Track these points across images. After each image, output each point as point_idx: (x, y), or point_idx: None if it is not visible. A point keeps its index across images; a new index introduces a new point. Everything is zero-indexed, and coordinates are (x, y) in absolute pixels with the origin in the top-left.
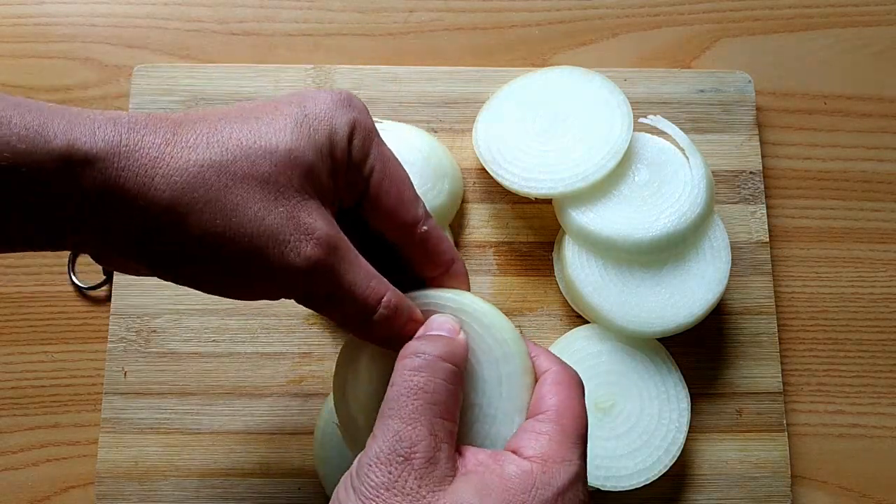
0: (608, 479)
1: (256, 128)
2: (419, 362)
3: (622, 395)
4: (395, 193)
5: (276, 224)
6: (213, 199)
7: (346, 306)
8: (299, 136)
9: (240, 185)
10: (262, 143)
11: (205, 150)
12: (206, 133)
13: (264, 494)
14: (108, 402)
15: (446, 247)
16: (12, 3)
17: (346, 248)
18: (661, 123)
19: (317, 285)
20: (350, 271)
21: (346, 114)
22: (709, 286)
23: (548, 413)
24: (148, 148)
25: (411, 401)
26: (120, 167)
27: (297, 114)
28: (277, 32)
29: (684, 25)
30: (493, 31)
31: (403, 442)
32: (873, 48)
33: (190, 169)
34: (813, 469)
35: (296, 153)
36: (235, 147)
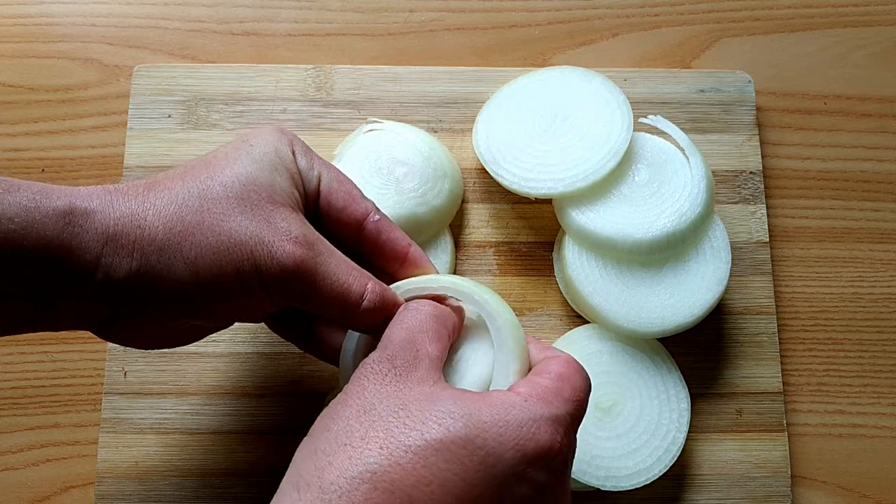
0: (608, 479)
1: (216, 162)
2: (411, 311)
3: (622, 395)
4: (345, 192)
5: (258, 229)
6: (201, 222)
7: (333, 299)
8: (253, 162)
9: (219, 205)
10: (227, 172)
11: (181, 187)
12: (179, 179)
13: (264, 494)
14: (108, 402)
15: (399, 234)
16: (12, 3)
17: (322, 244)
18: (661, 123)
19: (304, 282)
20: (331, 265)
21: (284, 137)
22: (709, 286)
23: (549, 375)
24: (134, 197)
25: (400, 330)
26: (116, 214)
27: (243, 146)
28: (277, 32)
29: (684, 25)
30: (493, 31)
31: (386, 350)
32: (873, 48)
33: (174, 201)
34: (813, 469)
35: (256, 174)
36: (206, 179)
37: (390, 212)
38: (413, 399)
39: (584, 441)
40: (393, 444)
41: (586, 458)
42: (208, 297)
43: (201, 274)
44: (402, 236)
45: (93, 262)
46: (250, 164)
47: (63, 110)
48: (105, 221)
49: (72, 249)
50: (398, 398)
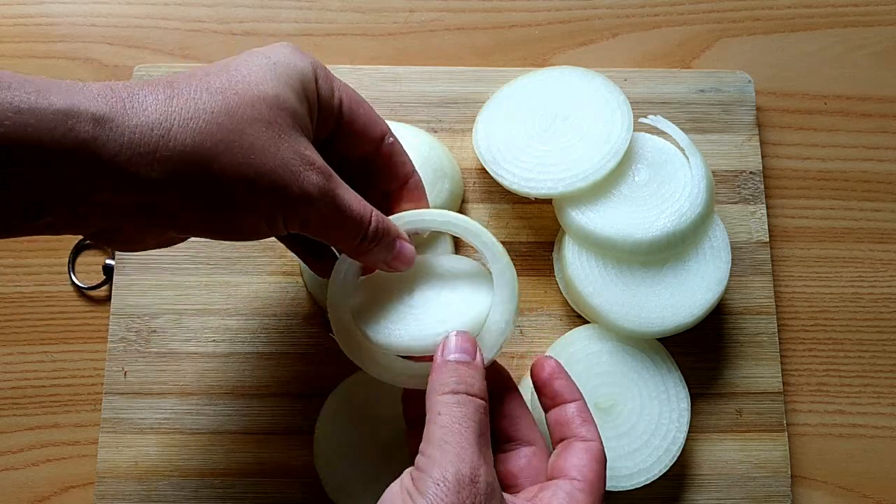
0: (608, 478)
1: (241, 77)
2: (461, 398)
3: (622, 395)
4: (364, 113)
5: (288, 157)
6: (234, 142)
7: (347, 226)
8: (279, 83)
9: (251, 127)
10: (254, 91)
11: (209, 99)
12: (204, 87)
13: (264, 494)
14: (108, 402)
15: (407, 159)
16: (12, 3)
17: (336, 175)
18: (661, 123)
19: (325, 209)
20: (346, 194)
21: (305, 59)
22: (709, 286)
23: (583, 483)
24: (154, 104)
25: (464, 430)
26: (132, 125)
27: (266, 63)
28: (277, 32)
29: (684, 25)
30: (493, 31)
31: (466, 464)
32: (873, 48)
33: (203, 116)
34: (813, 469)
35: (282, 97)
36: (233, 95)
37: None
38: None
39: None
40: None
41: None
42: (228, 218)
43: (228, 195)
44: (409, 161)
45: (105, 170)
46: (276, 85)
47: None
48: (120, 130)
49: (90, 151)
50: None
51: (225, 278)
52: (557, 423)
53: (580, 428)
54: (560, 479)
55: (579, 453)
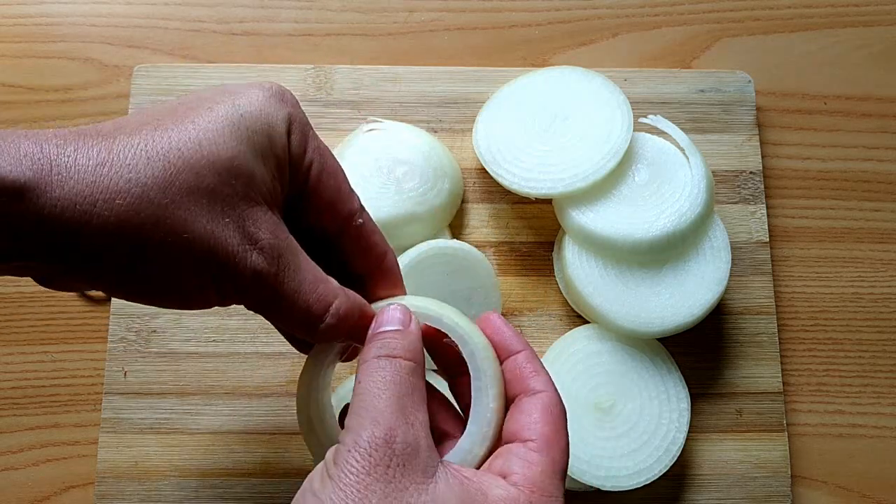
0: (608, 479)
1: (195, 134)
2: (383, 362)
3: (622, 395)
4: (334, 186)
5: (225, 236)
6: (163, 218)
7: (292, 314)
8: (239, 141)
9: (186, 200)
10: (204, 153)
11: (145, 168)
12: (144, 148)
13: (264, 494)
14: (108, 402)
15: (379, 239)
16: (12, 3)
17: (292, 255)
18: (661, 123)
19: (262, 293)
20: (295, 279)
21: (282, 109)
22: (709, 286)
23: (538, 441)
24: (83, 172)
25: (382, 392)
26: (55, 197)
27: (232, 114)
28: (277, 32)
29: (684, 25)
30: (493, 31)
31: (380, 426)
32: (873, 48)
33: (133, 190)
34: (813, 469)
35: (238, 160)
36: (177, 160)
37: (390, 211)
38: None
39: (584, 441)
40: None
41: (586, 458)
42: (156, 291)
43: (154, 273)
44: (381, 241)
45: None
46: (232, 143)
47: (63, 110)
48: (42, 202)
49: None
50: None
51: None
52: (508, 381)
53: (529, 380)
54: (512, 443)
55: (529, 409)
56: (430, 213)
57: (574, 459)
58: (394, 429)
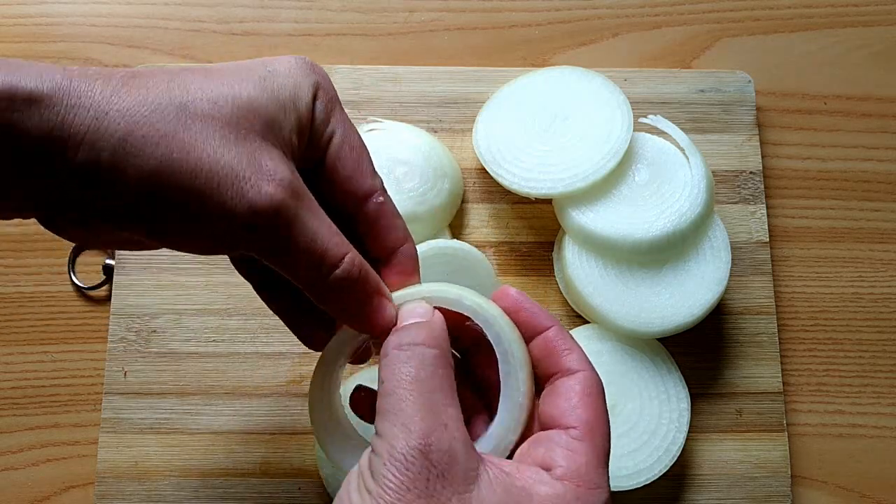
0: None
1: (220, 80)
2: (406, 354)
3: (622, 395)
4: (354, 161)
5: (235, 162)
6: (171, 133)
7: (307, 257)
8: (263, 90)
9: (200, 124)
10: (225, 91)
11: (165, 92)
12: (166, 79)
13: (264, 494)
14: (108, 402)
15: (400, 223)
16: (12, 3)
17: (309, 198)
18: (661, 123)
19: (276, 230)
20: (314, 219)
21: (310, 76)
22: (709, 286)
23: (580, 428)
24: (101, 90)
25: (409, 392)
26: (69, 106)
27: (261, 71)
28: (277, 32)
29: (684, 25)
30: (493, 31)
31: (413, 434)
32: (873, 48)
33: (148, 104)
34: (813, 469)
35: (259, 102)
36: (197, 91)
37: None
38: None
39: None
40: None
41: None
42: (157, 219)
43: (156, 192)
44: (401, 226)
45: (27, 154)
46: (255, 89)
47: None
48: (55, 109)
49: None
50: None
51: (225, 278)
52: (538, 360)
53: (564, 358)
54: (553, 429)
55: (568, 392)
56: (430, 213)
57: None
58: (428, 435)
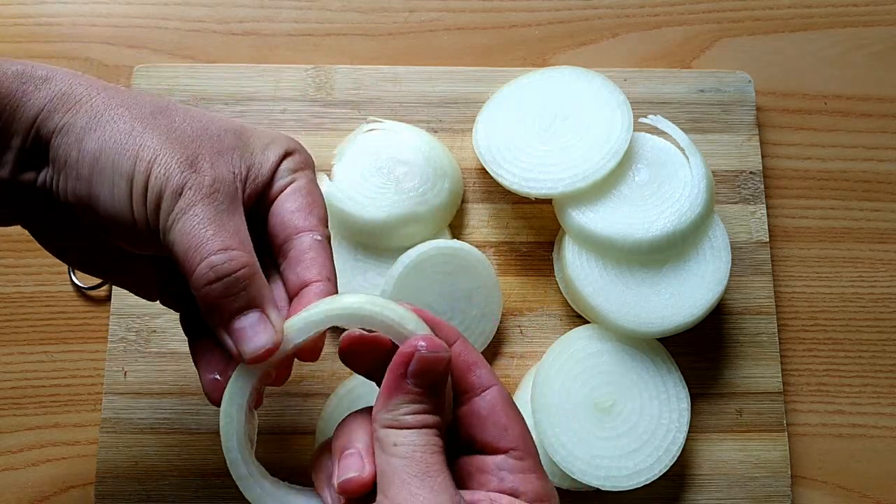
0: (608, 479)
1: (209, 114)
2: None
3: (622, 395)
4: (308, 204)
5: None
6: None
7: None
8: (234, 135)
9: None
10: (207, 117)
11: (150, 99)
12: (159, 97)
13: None
14: (108, 402)
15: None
16: (12, 3)
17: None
18: (661, 123)
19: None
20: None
21: (290, 142)
22: (709, 286)
23: (520, 448)
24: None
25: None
26: (71, 83)
27: (244, 126)
28: (277, 32)
29: (684, 25)
30: (493, 31)
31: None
32: (873, 48)
33: (133, 97)
34: (813, 469)
35: (225, 134)
36: (182, 108)
37: (390, 211)
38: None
39: (584, 441)
40: None
41: (586, 458)
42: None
43: (104, 153)
44: (328, 268)
45: (33, 117)
46: (229, 131)
47: None
48: (59, 85)
49: (20, 104)
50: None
51: None
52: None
53: (474, 375)
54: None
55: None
56: (430, 213)
57: (574, 459)
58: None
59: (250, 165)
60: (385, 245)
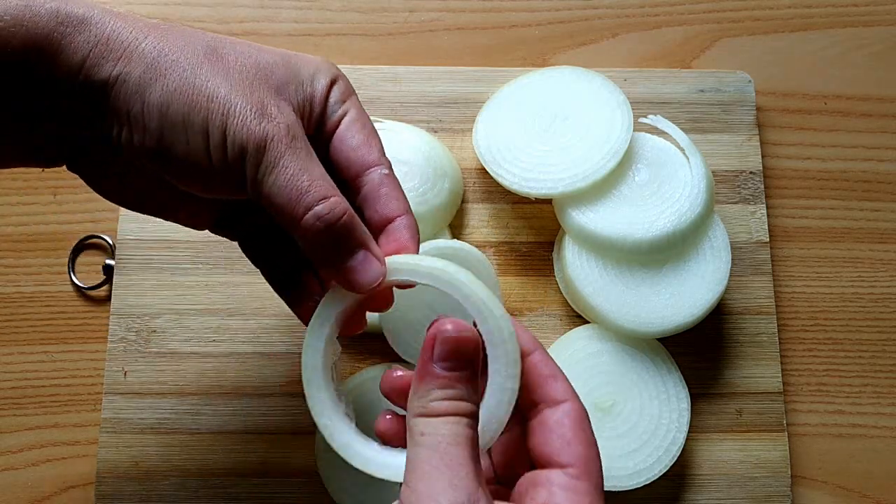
0: (608, 479)
1: (250, 45)
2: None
3: (622, 395)
4: (365, 136)
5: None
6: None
7: (287, 192)
8: (285, 63)
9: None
10: (253, 52)
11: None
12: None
13: (264, 494)
14: (108, 402)
15: (402, 197)
16: None
17: (305, 143)
18: (661, 123)
19: (264, 162)
20: (303, 160)
21: (332, 69)
22: (709, 286)
23: (577, 466)
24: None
25: (454, 448)
26: (112, 26)
27: (287, 54)
28: (277, 32)
29: (684, 25)
30: (493, 31)
31: (461, 492)
32: (873, 48)
33: (184, 37)
34: (813, 469)
35: (277, 68)
36: (228, 44)
37: None
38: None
39: None
40: None
41: None
42: (171, 138)
43: (172, 105)
44: (403, 199)
45: (77, 65)
46: (278, 59)
47: None
48: (100, 28)
49: (60, 49)
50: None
51: (225, 278)
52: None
53: (550, 387)
54: (548, 469)
55: (559, 427)
56: (431, 213)
57: None
58: (476, 500)
59: (305, 98)
60: None
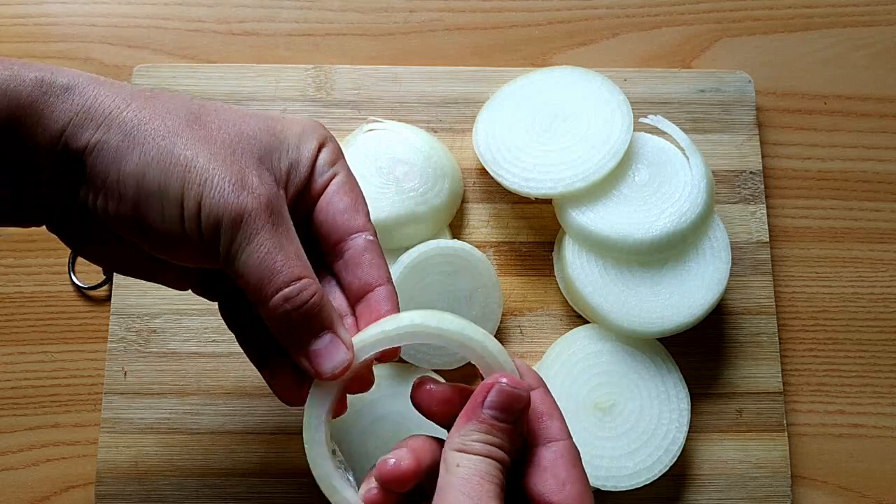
0: (608, 479)
1: (235, 112)
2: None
3: (622, 395)
4: (352, 199)
5: (225, 172)
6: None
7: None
8: (269, 133)
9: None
10: (237, 118)
11: (184, 102)
12: (181, 104)
13: (264, 494)
14: (108, 402)
15: (384, 266)
16: (12, 3)
17: (284, 219)
18: (661, 123)
19: (237, 237)
20: (279, 237)
21: (319, 130)
22: (709, 286)
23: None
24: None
25: (486, 482)
26: (95, 94)
27: (273, 119)
28: (277, 32)
29: (684, 25)
30: (493, 31)
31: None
32: (873, 48)
33: (159, 114)
34: (813, 469)
35: (261, 135)
36: (212, 111)
37: (390, 211)
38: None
39: (584, 441)
40: None
41: (586, 457)
42: (146, 207)
43: (149, 174)
44: (384, 268)
45: (58, 132)
46: (262, 128)
47: None
48: (83, 96)
49: (42, 116)
50: None
51: None
52: None
53: (545, 425)
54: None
55: (552, 465)
56: (431, 213)
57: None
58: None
59: (290, 164)
60: (385, 245)
